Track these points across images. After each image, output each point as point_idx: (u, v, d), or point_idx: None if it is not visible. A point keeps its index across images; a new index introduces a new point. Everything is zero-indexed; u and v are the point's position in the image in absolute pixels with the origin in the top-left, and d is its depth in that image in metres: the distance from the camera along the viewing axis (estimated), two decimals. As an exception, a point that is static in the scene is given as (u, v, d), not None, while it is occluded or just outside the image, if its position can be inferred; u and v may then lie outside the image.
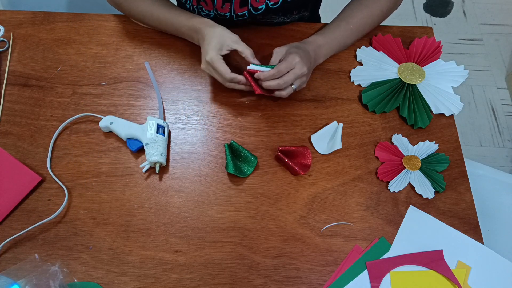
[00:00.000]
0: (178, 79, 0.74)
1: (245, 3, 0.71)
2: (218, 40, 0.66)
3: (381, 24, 0.81)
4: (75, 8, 1.06)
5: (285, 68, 0.63)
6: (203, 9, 0.74)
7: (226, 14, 0.74)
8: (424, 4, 1.88)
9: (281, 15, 0.77)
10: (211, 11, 0.74)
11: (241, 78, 0.66)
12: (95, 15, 0.80)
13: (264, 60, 0.75)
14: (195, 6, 0.75)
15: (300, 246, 0.61)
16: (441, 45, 0.77)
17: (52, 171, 0.65)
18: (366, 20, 0.75)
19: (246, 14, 0.73)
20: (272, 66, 0.66)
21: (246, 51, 0.66)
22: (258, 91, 0.66)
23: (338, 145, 0.67)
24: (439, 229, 0.62)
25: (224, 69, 0.65)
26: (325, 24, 0.78)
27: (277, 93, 0.67)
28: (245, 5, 0.72)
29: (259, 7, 0.72)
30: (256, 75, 0.65)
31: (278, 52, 0.67)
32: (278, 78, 0.64)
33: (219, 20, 0.76)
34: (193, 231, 0.62)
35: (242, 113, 0.71)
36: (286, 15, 0.79)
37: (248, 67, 0.67)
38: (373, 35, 0.79)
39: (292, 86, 0.66)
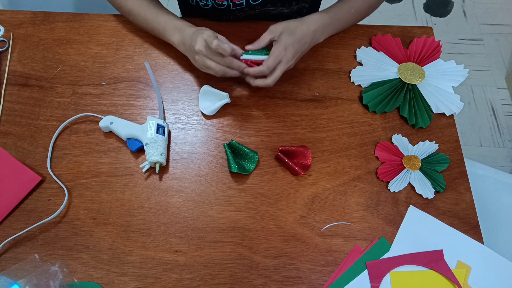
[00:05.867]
0: (178, 79, 0.74)
1: None
2: (209, 31, 0.64)
3: (381, 24, 0.81)
4: (75, 8, 1.06)
5: (273, 64, 0.64)
6: None
7: (223, 3, 0.73)
8: (424, 4, 1.88)
9: (280, 5, 0.77)
10: (209, 0, 0.74)
11: (240, 63, 0.64)
12: (95, 15, 0.80)
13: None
14: None
15: (300, 246, 0.61)
16: (440, 44, 0.78)
17: (52, 171, 0.65)
18: (365, 5, 0.75)
19: (244, 3, 0.73)
20: (261, 52, 0.66)
21: (234, 46, 0.65)
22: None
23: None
24: (439, 229, 0.62)
25: (225, 46, 0.61)
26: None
27: (259, 82, 0.66)
28: None
29: None
30: (246, 71, 0.65)
31: (272, 31, 0.66)
32: (267, 78, 0.65)
33: (217, 10, 0.76)
34: (193, 231, 0.62)
35: (242, 113, 0.71)
36: (284, 5, 0.78)
37: (241, 57, 0.67)
38: (373, 35, 0.79)
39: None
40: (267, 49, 0.67)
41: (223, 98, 0.69)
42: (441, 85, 0.74)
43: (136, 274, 0.58)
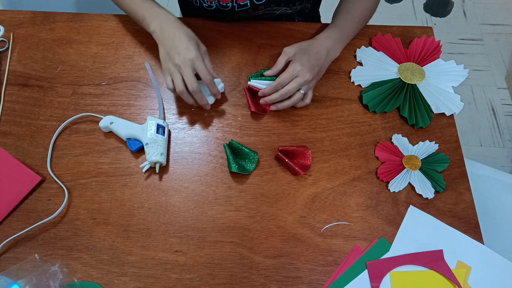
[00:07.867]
0: (178, 79, 0.74)
1: None
2: (194, 40, 0.64)
3: (381, 24, 0.81)
4: (75, 8, 1.06)
5: (287, 79, 0.65)
6: (205, 0, 0.74)
7: (228, 5, 0.74)
8: (424, 4, 1.88)
9: (283, 5, 0.77)
10: (213, 2, 0.74)
11: (202, 98, 0.65)
12: (95, 15, 0.80)
13: (269, 59, 0.75)
14: None
15: (300, 246, 0.61)
16: (440, 44, 0.78)
17: (52, 171, 0.65)
18: (367, 11, 0.75)
19: (248, 4, 0.73)
20: (273, 79, 0.69)
21: (211, 72, 0.65)
22: (252, 108, 0.69)
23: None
24: (439, 229, 0.62)
25: (207, 70, 0.63)
26: (326, 24, 0.78)
27: (285, 103, 0.68)
28: None
29: None
30: (260, 92, 0.68)
31: (286, 53, 0.68)
32: (281, 88, 0.66)
33: (221, 12, 0.76)
34: (193, 231, 0.62)
35: (242, 113, 0.71)
36: (288, 5, 0.79)
37: (249, 82, 0.70)
38: (373, 35, 0.79)
39: (301, 91, 0.67)
40: (275, 77, 0.69)
41: (218, 84, 0.68)
42: (441, 85, 0.74)
43: (136, 274, 0.58)
